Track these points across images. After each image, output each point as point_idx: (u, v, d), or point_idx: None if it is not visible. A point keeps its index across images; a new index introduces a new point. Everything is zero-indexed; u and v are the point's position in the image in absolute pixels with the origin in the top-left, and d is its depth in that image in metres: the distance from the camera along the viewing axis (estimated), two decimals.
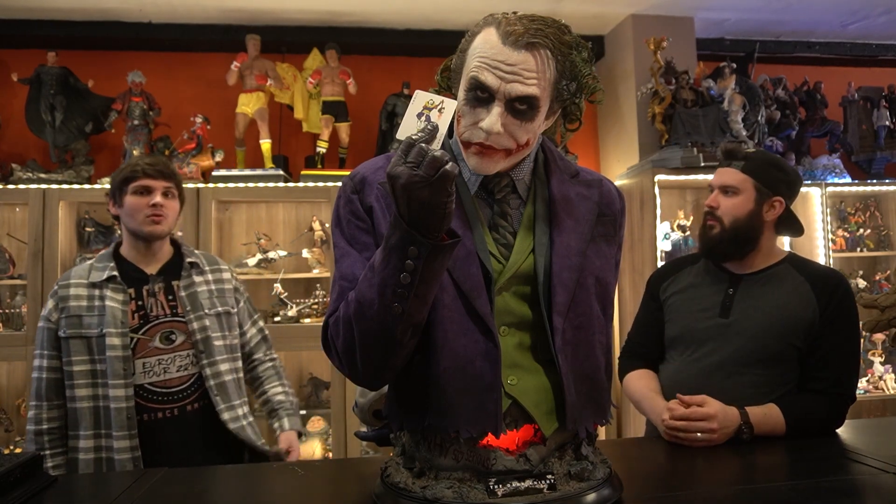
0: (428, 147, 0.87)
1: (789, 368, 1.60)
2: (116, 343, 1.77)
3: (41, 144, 3.47)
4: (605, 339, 1.10)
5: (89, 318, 1.80)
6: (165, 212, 1.87)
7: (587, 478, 1.02)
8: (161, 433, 1.80)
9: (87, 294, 1.82)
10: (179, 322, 1.86)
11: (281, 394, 2.06)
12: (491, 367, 1.00)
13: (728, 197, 1.69)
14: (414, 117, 0.92)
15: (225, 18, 3.62)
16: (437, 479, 1.01)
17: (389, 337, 0.95)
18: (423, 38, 3.78)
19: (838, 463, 1.33)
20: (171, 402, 1.82)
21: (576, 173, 1.15)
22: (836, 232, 3.88)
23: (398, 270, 0.91)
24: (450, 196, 0.88)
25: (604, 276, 1.09)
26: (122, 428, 1.75)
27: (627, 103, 3.80)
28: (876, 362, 3.75)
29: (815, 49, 4.26)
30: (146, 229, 1.86)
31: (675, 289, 1.78)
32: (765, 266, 1.70)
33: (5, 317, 3.24)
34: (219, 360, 1.88)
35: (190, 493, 1.24)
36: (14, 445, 3.20)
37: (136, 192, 1.85)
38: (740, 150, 1.72)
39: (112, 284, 1.83)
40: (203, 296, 1.91)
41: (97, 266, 1.87)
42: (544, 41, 0.97)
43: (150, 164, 1.88)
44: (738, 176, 1.68)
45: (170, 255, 1.95)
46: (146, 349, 1.81)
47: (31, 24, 3.52)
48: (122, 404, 1.75)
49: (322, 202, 3.52)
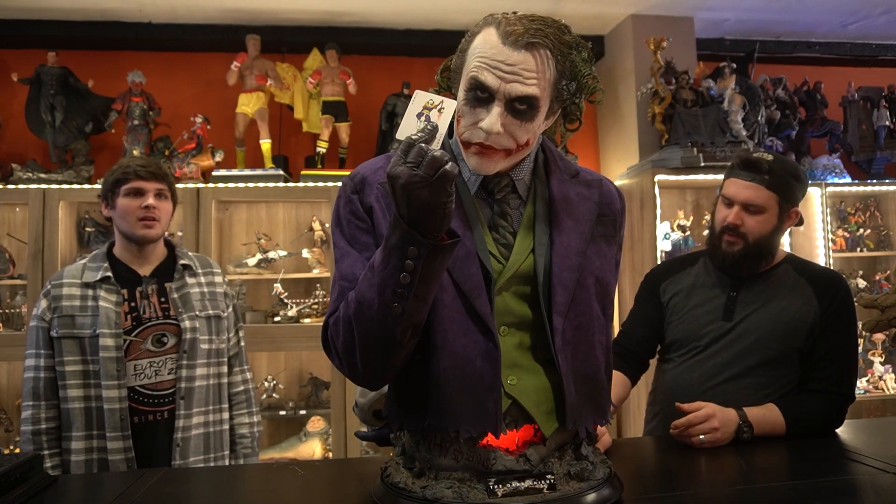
0: (428, 147, 0.87)
1: (791, 371, 1.60)
2: (110, 344, 1.76)
3: (41, 144, 3.47)
4: (604, 339, 1.10)
5: (82, 318, 1.79)
6: (158, 214, 1.85)
7: (587, 478, 1.02)
8: (152, 435, 1.79)
9: (80, 294, 1.81)
10: (171, 324, 1.85)
11: (246, 426, 2.01)
12: (491, 367, 1.00)
13: (752, 214, 1.62)
14: (414, 117, 0.92)
15: (225, 18, 3.62)
16: (436, 479, 1.01)
17: (389, 337, 0.95)
18: (423, 38, 3.78)
19: (838, 463, 1.33)
20: (163, 405, 1.81)
21: (576, 173, 1.15)
22: (836, 232, 3.87)
23: (398, 270, 0.91)
24: (449, 196, 0.88)
25: (604, 276, 1.09)
26: (116, 429, 1.74)
27: (627, 103, 3.80)
28: (876, 362, 3.75)
29: (815, 49, 4.26)
30: (139, 233, 1.84)
31: (675, 289, 1.77)
32: (766, 268, 1.69)
33: (5, 317, 3.24)
34: (198, 363, 1.86)
35: (189, 493, 1.24)
36: (14, 445, 3.20)
37: (128, 194, 1.84)
38: (763, 162, 1.61)
39: (106, 285, 1.82)
40: (195, 297, 1.90)
41: (90, 266, 1.85)
42: (544, 41, 0.97)
43: (142, 165, 1.86)
44: (764, 193, 1.61)
45: (163, 256, 1.93)
46: (138, 351, 1.80)
47: (31, 24, 3.52)
48: (115, 405, 1.75)
49: (322, 202, 3.52)
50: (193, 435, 1.84)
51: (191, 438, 1.83)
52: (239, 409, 2.01)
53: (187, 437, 1.82)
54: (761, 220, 1.63)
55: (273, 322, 3.28)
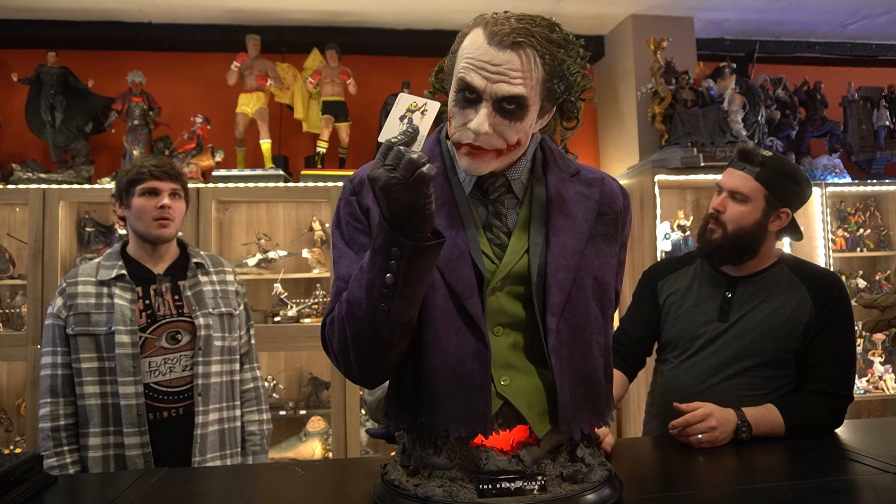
0: (405, 149, 0.88)
1: (787, 372, 1.61)
2: (126, 340, 1.78)
3: (41, 144, 3.47)
4: (603, 340, 1.09)
5: (97, 315, 1.80)
6: (172, 213, 1.88)
7: (581, 480, 1.01)
8: (168, 432, 1.81)
9: (95, 292, 1.83)
10: (185, 322, 1.87)
11: (255, 423, 2.02)
12: (481, 367, 1.00)
13: (736, 203, 1.64)
14: (396, 120, 0.92)
15: (225, 18, 3.62)
16: (430, 478, 1.02)
17: (378, 336, 0.96)
18: (423, 38, 3.78)
19: (838, 463, 1.33)
20: (177, 402, 1.83)
21: (576, 172, 1.14)
22: (836, 232, 3.88)
23: (383, 271, 0.92)
24: (427, 197, 0.88)
25: (602, 276, 1.08)
26: (133, 425, 1.76)
27: (627, 103, 3.80)
28: (876, 362, 3.75)
29: (815, 49, 4.26)
30: (154, 233, 1.87)
31: (672, 288, 1.78)
32: (761, 269, 1.69)
33: (5, 317, 3.24)
34: (213, 360, 1.88)
35: (190, 493, 1.24)
36: (14, 445, 3.21)
37: (144, 194, 1.86)
38: (758, 154, 1.64)
39: (120, 283, 1.84)
40: (208, 295, 1.92)
41: (105, 264, 1.87)
42: (529, 40, 0.96)
43: (157, 165, 1.88)
44: (751, 183, 1.62)
45: (176, 255, 1.96)
46: (153, 348, 1.82)
47: (31, 24, 3.52)
48: (132, 401, 1.76)
49: (322, 202, 3.52)
50: (210, 431, 1.86)
51: (208, 435, 1.85)
52: (249, 407, 2.03)
53: (205, 434, 1.85)
54: (744, 211, 1.63)
55: (273, 322, 3.28)
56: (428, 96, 1.09)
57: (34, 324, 3.03)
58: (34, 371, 3.00)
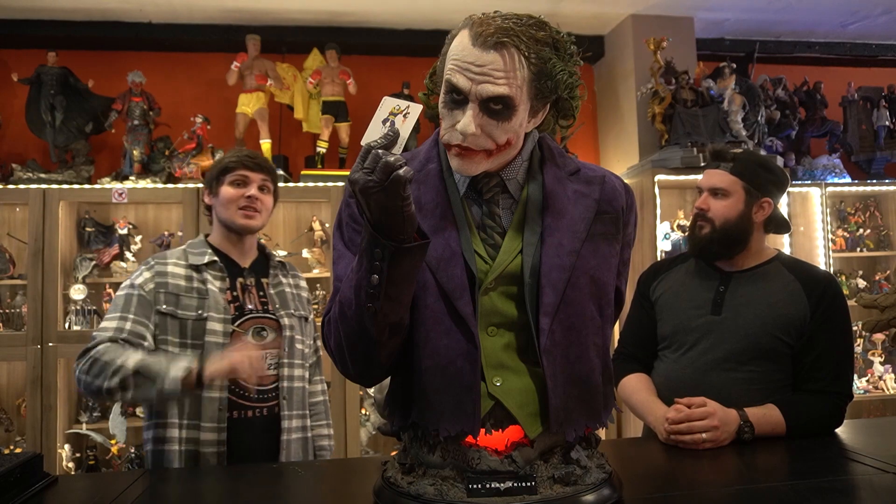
0: (383, 152, 0.89)
1: (782, 365, 1.61)
2: (218, 329, 1.69)
3: (41, 144, 3.47)
4: (600, 341, 1.08)
5: (188, 298, 1.71)
6: (259, 206, 1.81)
7: (574, 482, 1.00)
8: (248, 433, 1.70)
9: (185, 274, 1.75)
10: (270, 319, 1.79)
11: (325, 437, 1.94)
12: (470, 367, 1.00)
13: (718, 199, 1.70)
14: (379, 123, 0.93)
15: (225, 18, 3.62)
16: (424, 476, 1.02)
17: (367, 336, 0.97)
18: (423, 38, 3.78)
19: (838, 463, 1.33)
20: (262, 402, 1.73)
21: (576, 170, 1.13)
22: (836, 232, 3.88)
23: (368, 272, 0.93)
24: (405, 200, 0.89)
25: (600, 276, 1.07)
26: (213, 420, 1.66)
27: (627, 103, 3.80)
28: (876, 362, 3.75)
29: (815, 49, 4.26)
30: (239, 222, 1.79)
31: (665, 287, 1.79)
32: (755, 264, 1.71)
33: (5, 317, 3.23)
34: (296, 363, 1.81)
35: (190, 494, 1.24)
36: (14, 445, 3.20)
37: (233, 183, 1.80)
38: (728, 151, 1.74)
39: (213, 270, 1.77)
40: (289, 297, 1.86)
41: (192, 251, 1.80)
42: (513, 40, 0.95)
43: (250, 156, 1.83)
44: (727, 178, 1.69)
45: (256, 253, 1.90)
46: (239, 342, 1.70)
47: (31, 24, 3.52)
48: (215, 394, 1.66)
49: (322, 202, 3.52)
50: (294, 438, 1.77)
51: (292, 441, 1.76)
52: (318, 420, 1.93)
53: (290, 440, 1.75)
54: (727, 205, 1.68)
55: None
56: (423, 98, 1.09)
57: (34, 324, 3.02)
58: (34, 371, 3.00)
